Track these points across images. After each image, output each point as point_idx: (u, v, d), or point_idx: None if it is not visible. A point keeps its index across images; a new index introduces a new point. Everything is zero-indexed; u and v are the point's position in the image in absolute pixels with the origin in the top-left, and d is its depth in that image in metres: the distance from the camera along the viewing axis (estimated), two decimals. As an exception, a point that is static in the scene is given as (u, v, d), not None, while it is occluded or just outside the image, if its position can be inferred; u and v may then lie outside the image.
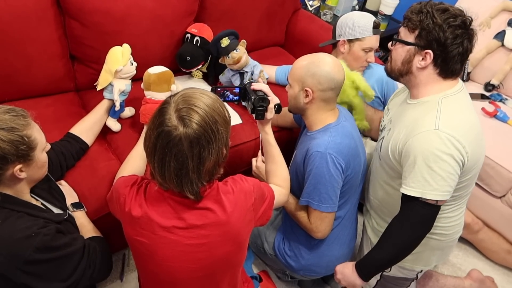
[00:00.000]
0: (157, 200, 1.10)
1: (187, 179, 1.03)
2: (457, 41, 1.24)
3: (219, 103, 1.06)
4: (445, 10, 1.25)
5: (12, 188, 1.12)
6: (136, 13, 1.87)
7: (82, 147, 1.58)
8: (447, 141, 1.21)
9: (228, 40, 1.85)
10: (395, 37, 1.36)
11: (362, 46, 1.83)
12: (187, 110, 1.00)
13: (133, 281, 1.83)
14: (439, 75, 1.31)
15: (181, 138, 0.98)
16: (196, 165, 1.02)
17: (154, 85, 1.59)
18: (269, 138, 1.46)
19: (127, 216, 1.12)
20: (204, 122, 1.00)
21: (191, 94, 1.04)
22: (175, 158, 1.00)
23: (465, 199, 1.46)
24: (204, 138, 1.00)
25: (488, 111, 2.23)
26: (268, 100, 1.42)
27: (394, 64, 1.38)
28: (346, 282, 1.43)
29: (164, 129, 0.99)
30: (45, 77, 1.84)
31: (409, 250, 1.32)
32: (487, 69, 2.45)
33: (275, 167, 1.44)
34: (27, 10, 1.66)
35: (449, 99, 1.30)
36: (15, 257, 1.04)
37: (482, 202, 2.09)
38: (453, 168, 1.22)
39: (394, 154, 1.36)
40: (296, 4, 2.63)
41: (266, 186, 1.29)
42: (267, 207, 1.25)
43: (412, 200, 1.26)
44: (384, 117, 1.58)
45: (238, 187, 1.16)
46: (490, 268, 2.13)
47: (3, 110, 1.07)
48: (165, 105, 1.03)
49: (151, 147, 1.03)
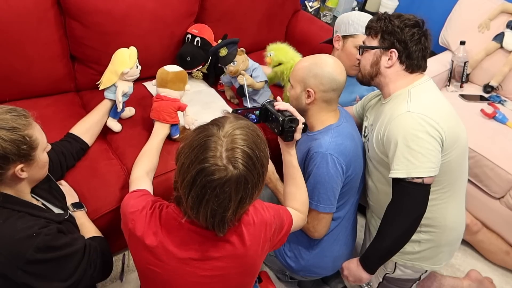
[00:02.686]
0: (175, 229, 1.04)
1: (222, 220, 0.97)
2: (415, 38, 1.39)
3: (265, 143, 0.99)
4: (399, 16, 1.42)
5: (13, 188, 1.12)
6: (136, 14, 1.87)
7: (82, 147, 1.59)
8: (420, 119, 1.30)
9: (226, 50, 1.85)
10: (361, 45, 1.51)
11: (355, 43, 1.82)
12: (239, 151, 0.92)
13: (133, 282, 1.83)
14: (405, 70, 1.43)
15: (228, 180, 0.90)
16: (236, 208, 0.96)
17: (171, 84, 1.61)
18: (292, 160, 1.38)
19: (139, 243, 1.05)
20: (254, 166, 0.93)
21: (243, 132, 0.95)
22: (216, 198, 0.92)
23: (460, 191, 1.50)
24: (251, 181, 0.94)
25: (487, 112, 2.24)
26: (297, 120, 1.34)
27: (363, 69, 1.51)
28: (353, 277, 1.47)
29: (210, 167, 0.90)
30: (45, 78, 1.84)
31: (408, 234, 1.35)
32: (486, 71, 2.45)
33: (295, 190, 1.38)
34: (28, 10, 1.66)
35: (417, 88, 1.41)
36: (16, 257, 1.04)
37: (481, 203, 2.09)
38: (430, 143, 1.29)
39: (379, 147, 1.42)
40: (296, 5, 2.64)
41: (285, 212, 1.25)
42: (284, 235, 1.22)
43: (400, 182, 1.32)
44: (364, 124, 1.65)
45: (259, 218, 1.11)
46: (488, 269, 2.13)
47: (4, 110, 1.08)
48: (212, 138, 0.93)
49: (189, 181, 0.93)
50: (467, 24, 2.50)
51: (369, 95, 1.71)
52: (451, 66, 2.47)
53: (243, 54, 1.89)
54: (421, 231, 1.47)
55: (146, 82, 2.06)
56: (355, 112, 1.77)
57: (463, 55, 2.42)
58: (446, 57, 2.55)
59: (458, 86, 2.46)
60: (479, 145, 2.03)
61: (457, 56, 2.44)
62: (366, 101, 1.71)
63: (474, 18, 2.48)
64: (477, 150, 2.02)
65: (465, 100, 2.37)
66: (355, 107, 1.79)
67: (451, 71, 2.47)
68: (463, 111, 2.13)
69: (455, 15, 2.58)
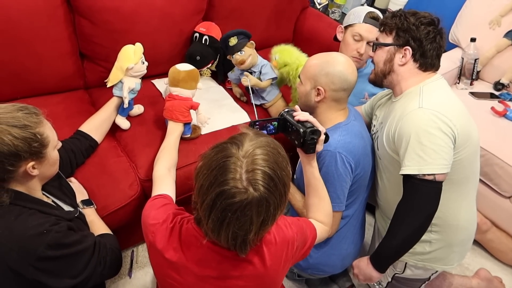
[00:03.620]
0: (194, 246, 1.02)
1: (244, 242, 0.94)
2: (431, 36, 1.38)
3: (287, 160, 0.95)
4: (415, 13, 1.40)
5: (24, 185, 1.13)
6: (145, 12, 1.88)
7: (92, 145, 1.60)
8: (432, 116, 1.28)
9: (236, 39, 1.84)
10: (375, 42, 1.49)
11: (352, 32, 1.82)
12: (260, 172, 0.88)
13: (142, 278, 1.84)
14: (419, 68, 1.41)
15: (249, 203, 0.87)
16: (258, 230, 0.92)
17: (183, 83, 1.61)
18: (314, 171, 1.34)
19: (159, 255, 1.04)
20: (276, 188, 0.89)
21: (263, 151, 0.91)
22: (237, 221, 0.89)
23: (471, 190, 1.48)
24: (273, 203, 0.90)
25: (498, 110, 2.22)
26: (319, 132, 1.29)
27: (376, 67, 1.49)
28: (363, 276, 1.45)
29: (230, 190, 0.86)
30: (55, 75, 1.86)
31: (419, 232, 1.33)
32: (496, 68, 2.42)
33: (318, 201, 1.35)
34: (38, 8, 1.67)
35: (429, 85, 1.40)
36: (28, 254, 1.05)
37: (490, 202, 2.08)
38: (443, 140, 1.27)
39: (390, 144, 1.41)
40: (304, 2, 2.63)
41: (309, 226, 1.22)
42: (307, 249, 1.20)
43: (412, 179, 1.30)
44: (373, 122, 1.64)
45: (281, 237, 1.08)
46: (498, 268, 2.12)
47: (16, 108, 1.09)
48: (231, 159, 0.89)
49: (209, 203, 0.89)
50: (477, 21, 2.47)
51: (378, 94, 1.70)
52: (461, 63, 2.44)
53: (253, 47, 1.88)
54: (431, 231, 1.45)
55: (155, 79, 2.07)
56: (364, 111, 1.76)
57: (473, 52, 2.39)
58: (456, 54, 2.52)
59: (468, 84, 2.44)
60: (489, 143, 2.00)
61: (467, 53, 2.41)
62: (375, 100, 1.69)
63: (485, 14, 2.45)
64: (487, 148, 2.00)
65: (475, 98, 2.35)
66: (363, 106, 1.78)
67: (461, 68, 2.45)
68: (473, 109, 2.10)
69: (465, 11, 2.55)
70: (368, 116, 1.74)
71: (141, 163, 1.65)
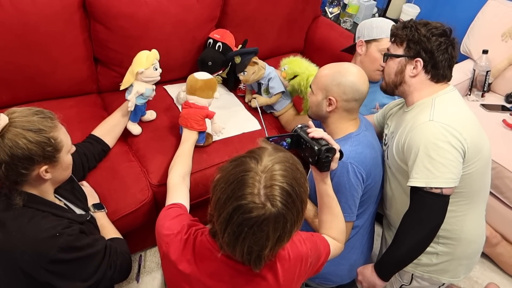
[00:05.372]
0: (208, 259, 1.01)
1: (258, 257, 0.93)
2: (442, 47, 1.36)
3: (305, 177, 0.94)
4: (426, 24, 1.38)
5: (37, 188, 1.14)
6: (159, 18, 1.90)
7: (104, 149, 1.61)
8: (443, 129, 1.27)
9: (239, 58, 1.89)
10: (386, 53, 1.47)
11: (379, 47, 1.82)
12: (278, 188, 0.87)
13: (149, 283, 1.85)
14: (431, 80, 1.40)
15: (266, 218, 0.86)
16: (273, 246, 0.91)
17: (200, 91, 1.62)
18: (328, 188, 1.30)
19: (172, 266, 1.04)
20: (293, 204, 0.89)
21: (282, 167, 0.90)
22: (253, 237, 0.88)
23: (481, 203, 1.47)
24: (290, 220, 0.89)
25: (509, 123, 2.20)
26: (335, 150, 1.24)
27: (388, 78, 1.48)
28: (367, 283, 1.46)
29: (247, 204, 0.86)
30: (69, 79, 1.88)
31: (424, 244, 1.34)
32: (508, 80, 2.41)
33: (331, 218, 1.32)
34: (55, 13, 1.70)
35: (441, 97, 1.38)
36: (40, 256, 1.06)
37: (501, 216, 2.06)
38: (452, 154, 1.26)
39: (399, 154, 1.41)
40: (316, 11, 2.64)
41: (323, 242, 1.21)
42: (321, 265, 1.19)
43: (419, 192, 1.30)
44: (385, 131, 1.63)
45: (295, 253, 1.07)
46: (508, 282, 2.09)
47: (31, 112, 1.10)
48: (250, 174, 0.88)
49: (225, 217, 0.88)
50: (490, 33, 2.46)
51: (390, 104, 1.70)
52: (473, 75, 2.43)
53: (255, 65, 1.90)
54: (438, 243, 1.45)
55: (167, 85, 2.09)
56: (375, 120, 1.76)
57: (485, 64, 2.38)
58: (467, 65, 2.51)
59: (480, 96, 2.43)
60: (500, 156, 1.99)
61: (479, 65, 2.40)
62: (387, 109, 1.69)
63: (497, 26, 2.44)
64: (498, 161, 1.98)
65: (486, 110, 2.33)
66: (375, 115, 1.78)
67: (472, 80, 2.44)
68: (484, 121, 2.07)
69: (477, 23, 2.54)
70: (380, 125, 1.74)
71: (152, 168, 1.66)
